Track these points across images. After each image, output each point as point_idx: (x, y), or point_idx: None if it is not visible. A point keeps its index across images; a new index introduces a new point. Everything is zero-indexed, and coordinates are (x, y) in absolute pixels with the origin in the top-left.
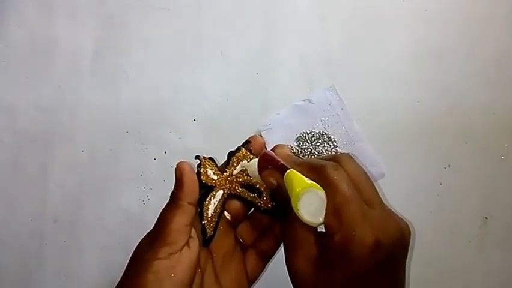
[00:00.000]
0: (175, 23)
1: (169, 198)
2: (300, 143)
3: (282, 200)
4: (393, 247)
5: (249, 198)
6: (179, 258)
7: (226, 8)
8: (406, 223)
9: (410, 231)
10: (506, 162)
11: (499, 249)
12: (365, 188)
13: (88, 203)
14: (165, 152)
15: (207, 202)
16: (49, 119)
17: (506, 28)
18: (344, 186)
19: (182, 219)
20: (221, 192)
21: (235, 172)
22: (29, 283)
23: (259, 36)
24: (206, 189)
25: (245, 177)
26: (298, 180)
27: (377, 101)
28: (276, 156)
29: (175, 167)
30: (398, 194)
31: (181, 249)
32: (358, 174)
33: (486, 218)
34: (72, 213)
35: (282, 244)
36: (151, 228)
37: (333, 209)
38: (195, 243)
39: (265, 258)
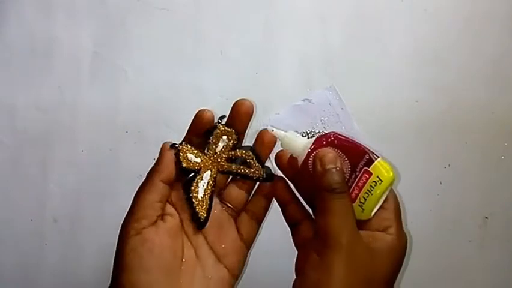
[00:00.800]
0: (175, 23)
1: None
2: None
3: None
4: None
5: (240, 171)
6: (154, 231)
7: (226, 8)
8: None
9: None
10: (506, 162)
11: (499, 248)
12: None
13: (88, 203)
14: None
15: (194, 186)
16: (49, 119)
17: (505, 28)
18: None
19: (150, 195)
20: (209, 172)
21: (218, 150)
22: (29, 283)
23: (259, 36)
24: (191, 174)
25: (229, 152)
26: (390, 168)
27: (376, 101)
28: (358, 142)
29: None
30: (398, 194)
31: (153, 224)
32: None
33: (486, 217)
34: (72, 213)
35: (272, 203)
36: None
37: (395, 209)
38: (171, 217)
39: (258, 219)
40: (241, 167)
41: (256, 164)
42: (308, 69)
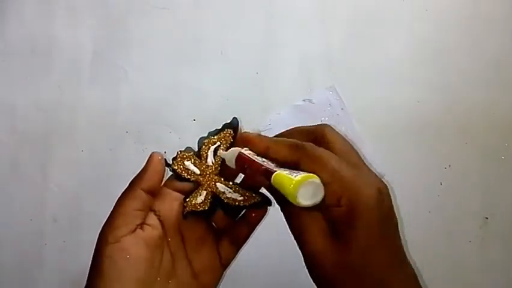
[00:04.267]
0: (175, 23)
1: None
2: None
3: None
4: (389, 197)
5: (232, 203)
6: (132, 241)
7: (226, 8)
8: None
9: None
10: (507, 162)
11: (500, 249)
12: (350, 156)
13: (87, 203)
14: (165, 152)
15: (192, 199)
16: (49, 119)
17: (506, 28)
18: (330, 154)
19: (129, 203)
20: (205, 192)
21: (209, 162)
22: (29, 283)
23: (259, 36)
24: (190, 183)
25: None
26: (288, 180)
27: (377, 101)
28: (255, 159)
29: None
30: (398, 194)
31: (132, 231)
32: (342, 144)
33: (486, 218)
34: (72, 213)
35: (254, 230)
36: None
37: (331, 176)
38: (152, 226)
39: (238, 243)
40: (234, 196)
41: (246, 193)
42: (308, 69)
